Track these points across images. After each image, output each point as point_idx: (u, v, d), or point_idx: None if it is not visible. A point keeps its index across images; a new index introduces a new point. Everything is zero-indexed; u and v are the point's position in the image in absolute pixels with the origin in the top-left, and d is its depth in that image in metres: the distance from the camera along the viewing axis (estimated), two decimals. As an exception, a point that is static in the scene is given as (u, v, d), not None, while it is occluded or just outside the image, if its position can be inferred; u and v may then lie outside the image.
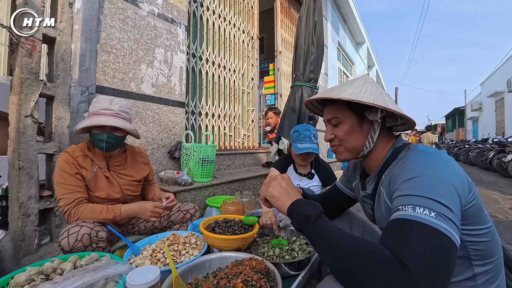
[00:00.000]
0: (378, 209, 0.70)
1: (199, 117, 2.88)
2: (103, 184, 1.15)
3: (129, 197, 1.26)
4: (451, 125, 25.54)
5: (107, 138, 1.09)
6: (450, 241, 0.46)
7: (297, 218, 0.62)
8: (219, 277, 0.75)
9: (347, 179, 0.95)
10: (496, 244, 0.59)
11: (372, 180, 0.73)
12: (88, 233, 0.96)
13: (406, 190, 0.53)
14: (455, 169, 0.54)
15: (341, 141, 0.71)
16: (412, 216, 0.48)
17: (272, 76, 4.72)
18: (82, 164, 1.10)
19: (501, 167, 5.69)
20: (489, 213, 2.87)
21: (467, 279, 0.58)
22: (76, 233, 0.94)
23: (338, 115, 0.70)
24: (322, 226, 0.57)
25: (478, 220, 0.56)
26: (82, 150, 1.14)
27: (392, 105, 0.64)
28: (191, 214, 1.35)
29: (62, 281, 0.67)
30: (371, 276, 0.45)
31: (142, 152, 1.37)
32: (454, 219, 0.48)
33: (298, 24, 2.91)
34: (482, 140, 8.82)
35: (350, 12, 7.47)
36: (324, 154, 5.47)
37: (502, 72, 12.68)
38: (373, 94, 0.65)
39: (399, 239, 0.48)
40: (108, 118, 1.07)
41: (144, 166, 1.34)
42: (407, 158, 0.60)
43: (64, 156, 1.09)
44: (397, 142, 0.70)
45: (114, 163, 1.21)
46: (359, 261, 0.47)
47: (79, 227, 0.96)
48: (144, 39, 2.10)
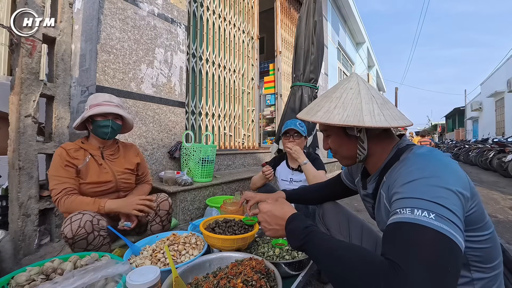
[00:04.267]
0: (378, 212, 0.69)
1: (199, 117, 2.88)
2: (95, 170, 1.21)
3: (123, 184, 1.30)
4: (451, 125, 25.54)
5: (112, 124, 1.21)
6: (452, 243, 0.43)
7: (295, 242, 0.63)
8: (219, 277, 0.75)
9: (350, 174, 0.97)
10: (496, 249, 0.57)
11: (373, 180, 0.73)
12: (90, 220, 0.99)
13: (404, 193, 0.52)
14: (457, 173, 0.52)
15: (335, 150, 0.75)
16: (409, 218, 0.46)
17: (272, 76, 4.71)
18: (73, 155, 1.17)
19: (501, 167, 5.69)
20: (489, 213, 2.87)
21: (464, 283, 0.57)
22: (79, 219, 0.97)
23: (326, 128, 0.73)
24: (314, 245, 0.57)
25: (479, 226, 0.54)
26: (75, 144, 1.22)
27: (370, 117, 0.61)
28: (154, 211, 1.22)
29: (62, 281, 0.67)
30: (366, 286, 0.44)
31: (132, 145, 1.46)
32: (456, 222, 0.45)
33: (298, 24, 2.91)
34: (482, 140, 8.82)
35: (350, 12, 7.47)
36: (324, 154, 5.48)
37: (502, 72, 12.67)
38: (348, 108, 0.63)
39: (394, 242, 0.47)
40: (112, 107, 1.21)
41: (135, 156, 1.40)
42: (407, 161, 0.59)
43: (58, 150, 1.17)
44: (400, 143, 0.69)
45: (108, 152, 1.29)
46: (353, 271, 0.47)
47: (81, 215, 0.99)
48: (144, 39, 2.10)
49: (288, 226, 0.66)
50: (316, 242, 0.57)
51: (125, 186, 1.31)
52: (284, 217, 0.68)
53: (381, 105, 0.65)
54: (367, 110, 0.63)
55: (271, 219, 0.71)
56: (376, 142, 0.69)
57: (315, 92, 2.95)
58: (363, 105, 0.63)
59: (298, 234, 0.61)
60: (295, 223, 0.64)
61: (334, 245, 0.54)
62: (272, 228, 0.71)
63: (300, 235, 0.60)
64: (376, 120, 0.61)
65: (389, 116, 0.63)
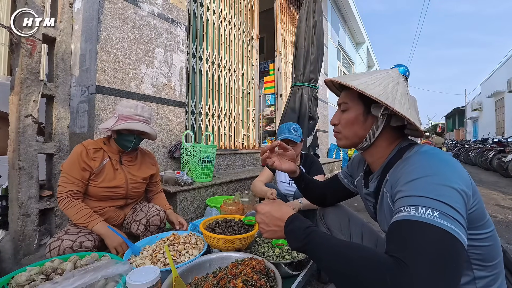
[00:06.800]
0: (381, 211, 0.69)
1: (199, 117, 2.88)
2: (110, 175, 1.21)
3: (133, 193, 1.30)
4: (451, 125, 25.53)
5: (135, 140, 1.24)
6: (455, 240, 0.44)
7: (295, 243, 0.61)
8: (219, 277, 0.75)
9: (350, 173, 0.95)
10: (496, 248, 0.58)
11: (375, 179, 0.73)
12: (70, 246, 0.96)
13: (408, 191, 0.52)
14: (459, 172, 0.53)
15: (343, 127, 0.73)
16: (413, 216, 0.47)
17: (272, 76, 4.71)
18: (92, 156, 1.17)
19: (501, 167, 5.69)
20: (489, 213, 2.87)
21: (466, 282, 0.57)
22: (58, 247, 0.95)
23: (347, 101, 0.72)
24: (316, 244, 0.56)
25: (480, 224, 0.55)
26: (97, 144, 1.22)
27: (400, 106, 0.62)
28: (144, 226, 1.19)
29: (62, 281, 0.67)
30: (372, 283, 0.44)
31: (151, 154, 1.47)
32: (459, 220, 0.46)
33: (298, 24, 2.91)
34: (482, 140, 8.82)
35: (350, 12, 7.47)
36: (324, 154, 5.47)
37: (502, 72, 12.67)
38: (384, 89, 0.63)
39: (399, 240, 0.47)
40: (141, 124, 1.21)
41: (151, 166, 1.41)
42: (410, 159, 0.59)
43: (79, 148, 1.16)
44: (403, 142, 0.69)
45: (126, 158, 1.30)
46: (358, 269, 0.46)
47: (60, 241, 0.96)
48: (144, 39, 2.10)
49: (288, 227, 0.64)
50: (317, 241, 0.56)
51: (134, 194, 1.31)
52: (283, 219, 0.66)
53: (410, 104, 0.66)
54: (399, 100, 0.64)
55: (270, 220, 0.69)
56: (385, 135, 0.69)
57: (315, 92, 2.95)
58: (398, 95, 0.64)
59: (299, 235, 0.60)
60: (295, 223, 0.63)
61: (336, 244, 0.53)
62: (270, 230, 0.69)
63: (301, 236, 0.59)
64: (405, 111, 0.62)
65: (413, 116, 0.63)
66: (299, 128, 1.73)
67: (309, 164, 1.76)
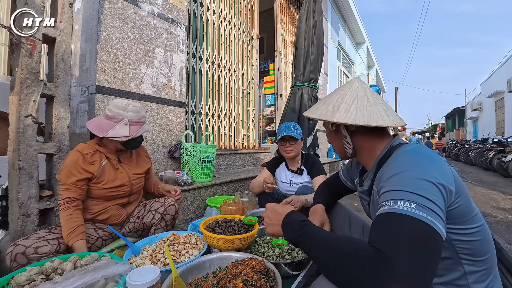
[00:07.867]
0: (373, 208, 0.72)
1: (199, 117, 2.88)
2: (112, 175, 1.21)
3: (136, 188, 1.33)
4: (451, 125, 25.52)
5: (138, 139, 1.28)
6: (431, 229, 0.46)
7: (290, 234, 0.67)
8: (219, 277, 0.75)
9: (350, 175, 1.01)
10: (487, 243, 0.59)
11: (369, 177, 0.76)
12: (22, 252, 0.93)
13: (388, 186, 0.55)
14: (440, 168, 0.55)
15: (331, 144, 0.85)
16: (392, 209, 0.50)
17: (272, 76, 4.71)
18: (90, 160, 1.16)
19: (501, 167, 5.70)
20: (489, 213, 2.87)
21: (457, 278, 0.58)
22: (10, 253, 0.93)
23: (324, 125, 0.84)
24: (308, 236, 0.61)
25: (467, 219, 0.57)
26: (91, 146, 1.20)
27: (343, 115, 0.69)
28: (160, 214, 1.25)
29: (62, 281, 0.67)
30: (353, 271, 0.48)
31: (142, 147, 1.48)
32: (436, 211, 0.48)
33: (298, 24, 2.91)
34: (482, 140, 8.83)
35: (350, 12, 7.47)
36: (324, 154, 5.48)
37: (502, 72, 12.67)
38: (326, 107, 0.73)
39: (379, 231, 0.50)
40: (147, 126, 1.28)
41: (146, 159, 1.45)
42: (395, 157, 0.63)
43: (74, 155, 1.14)
44: (393, 141, 0.72)
45: (124, 156, 1.32)
46: (342, 258, 0.51)
47: (13, 247, 0.94)
48: (144, 39, 2.10)
49: (285, 220, 0.70)
50: (310, 233, 0.61)
51: (137, 190, 1.35)
52: (283, 213, 0.72)
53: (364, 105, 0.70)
54: (344, 109, 0.70)
55: (272, 215, 0.76)
56: (361, 138, 0.75)
57: (315, 92, 2.95)
58: (342, 105, 0.72)
59: (294, 226, 0.66)
60: (292, 217, 0.69)
61: (326, 236, 0.58)
62: (271, 223, 0.75)
63: (295, 227, 0.65)
64: (345, 118, 0.68)
65: (364, 116, 0.67)
66: (299, 127, 1.75)
67: (310, 164, 1.76)
